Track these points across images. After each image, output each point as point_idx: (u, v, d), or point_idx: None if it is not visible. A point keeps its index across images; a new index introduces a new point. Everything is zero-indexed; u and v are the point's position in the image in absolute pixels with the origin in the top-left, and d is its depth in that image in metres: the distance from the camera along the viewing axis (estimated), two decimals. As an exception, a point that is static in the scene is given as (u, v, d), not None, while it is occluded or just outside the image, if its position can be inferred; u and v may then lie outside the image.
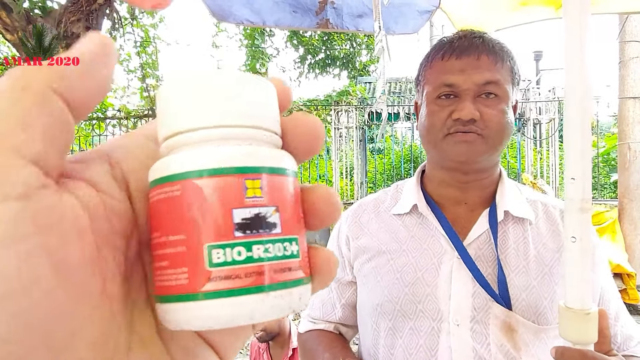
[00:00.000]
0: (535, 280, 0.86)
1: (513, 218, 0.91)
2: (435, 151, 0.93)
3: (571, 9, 0.73)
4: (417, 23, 2.08)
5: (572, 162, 0.73)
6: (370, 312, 0.94)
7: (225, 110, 0.22)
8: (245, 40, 8.33)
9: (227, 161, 0.21)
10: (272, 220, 0.21)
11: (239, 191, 0.21)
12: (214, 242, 0.20)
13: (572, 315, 0.75)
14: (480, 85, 0.87)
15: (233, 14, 1.83)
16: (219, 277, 0.20)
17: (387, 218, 0.99)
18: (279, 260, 0.21)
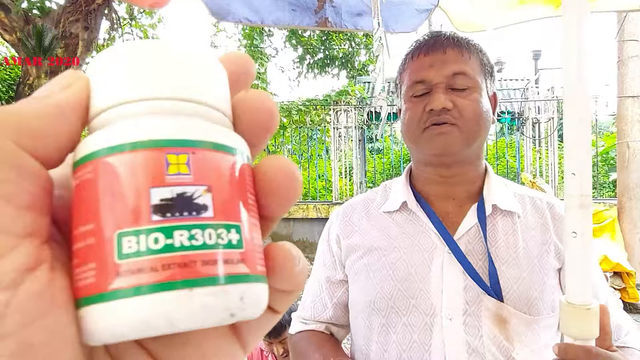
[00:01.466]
0: (525, 272, 0.88)
1: (501, 211, 0.93)
2: (416, 147, 0.95)
3: (570, 7, 0.74)
4: (416, 21, 2.08)
5: (571, 157, 0.74)
6: (363, 309, 0.95)
7: (154, 82, 0.19)
8: (244, 40, 8.33)
9: (144, 134, 0.18)
10: (201, 201, 0.18)
11: (159, 167, 0.17)
12: (125, 228, 0.17)
13: (573, 310, 0.75)
14: (449, 76, 0.90)
15: (232, 12, 1.83)
16: (130, 271, 0.16)
17: (377, 216, 1.00)
18: (211, 250, 0.17)
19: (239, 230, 0.18)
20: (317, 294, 1.05)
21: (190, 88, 0.19)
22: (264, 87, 8.41)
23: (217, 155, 0.19)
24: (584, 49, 0.73)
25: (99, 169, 0.17)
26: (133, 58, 0.19)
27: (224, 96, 0.21)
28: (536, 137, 7.27)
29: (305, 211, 6.89)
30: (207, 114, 0.20)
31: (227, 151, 0.19)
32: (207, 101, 0.20)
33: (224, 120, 0.21)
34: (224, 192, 0.18)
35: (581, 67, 0.73)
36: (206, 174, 0.18)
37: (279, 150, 8.33)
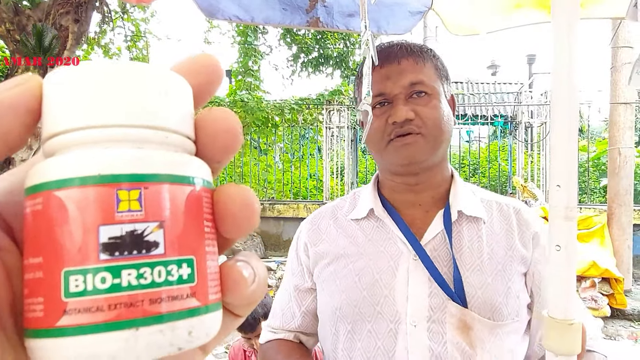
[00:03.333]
0: (490, 277, 0.88)
1: (467, 217, 0.94)
2: (382, 159, 0.95)
3: (560, 15, 0.72)
4: (408, 23, 2.06)
5: (557, 169, 0.72)
6: (330, 316, 0.95)
7: (111, 107, 0.18)
8: (238, 37, 8.29)
9: (96, 169, 0.17)
10: (152, 238, 0.17)
11: (108, 204, 0.17)
12: (73, 266, 0.17)
13: (556, 325, 0.74)
14: (406, 87, 0.91)
15: (221, 10, 1.81)
16: (77, 310, 0.16)
17: (345, 223, 1.01)
18: (159, 288, 0.17)
19: (191, 263, 0.18)
20: (286, 302, 1.05)
21: (146, 113, 0.19)
22: (257, 84, 8.37)
23: (171, 188, 0.18)
24: (575, 60, 0.71)
25: (48, 202, 0.17)
26: (87, 81, 0.18)
27: (185, 117, 0.20)
28: (528, 141, 7.30)
29: (296, 210, 6.88)
30: (165, 139, 0.19)
31: (183, 182, 0.19)
32: (165, 126, 0.19)
33: (184, 143, 0.20)
34: (177, 226, 0.18)
35: (571, 78, 0.71)
36: (159, 209, 0.18)
37: (271, 149, 8.31)
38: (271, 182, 7.98)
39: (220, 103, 7.59)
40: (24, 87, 0.19)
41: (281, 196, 7.83)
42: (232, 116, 0.21)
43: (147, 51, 6.79)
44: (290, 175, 8.08)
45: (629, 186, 5.02)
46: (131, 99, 0.18)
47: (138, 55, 6.69)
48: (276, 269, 5.84)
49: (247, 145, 8.00)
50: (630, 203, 5.05)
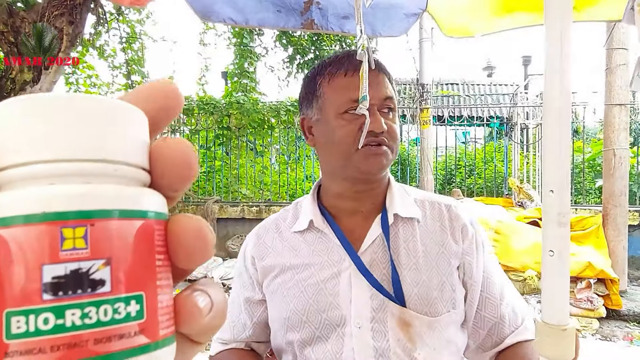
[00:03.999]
0: (425, 275, 0.93)
1: (402, 219, 0.98)
2: (346, 164, 0.96)
3: (552, 20, 0.71)
4: (403, 26, 2.07)
5: (550, 175, 0.72)
6: (280, 326, 0.99)
7: (55, 141, 0.18)
8: (234, 38, 8.27)
9: (39, 206, 0.17)
10: (98, 276, 0.17)
11: (52, 243, 0.17)
12: (15, 307, 0.16)
13: (549, 330, 0.74)
14: (382, 99, 0.94)
15: (216, 12, 1.80)
16: (18, 352, 0.16)
17: (289, 236, 1.04)
18: (105, 327, 0.17)
19: (140, 300, 0.18)
20: (237, 315, 1.07)
21: (92, 146, 0.18)
22: (253, 86, 8.35)
23: (120, 223, 0.18)
24: (568, 64, 0.71)
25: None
26: (31, 115, 0.18)
27: (136, 148, 0.20)
28: (524, 143, 7.32)
29: (293, 212, 6.86)
30: (114, 172, 0.19)
31: (132, 216, 0.18)
32: (113, 158, 0.19)
33: (136, 174, 0.20)
34: (125, 263, 0.18)
35: (564, 83, 0.71)
36: (106, 246, 0.17)
37: (267, 151, 8.29)
38: (267, 183, 7.97)
39: (216, 105, 7.58)
40: None
41: (277, 198, 7.82)
42: (187, 146, 0.21)
43: (143, 53, 6.77)
44: (287, 177, 8.07)
45: (624, 187, 5.04)
46: (76, 132, 0.18)
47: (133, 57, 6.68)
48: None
49: (243, 147, 7.99)
50: (625, 204, 5.06)
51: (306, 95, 1.03)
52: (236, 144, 7.84)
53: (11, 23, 3.80)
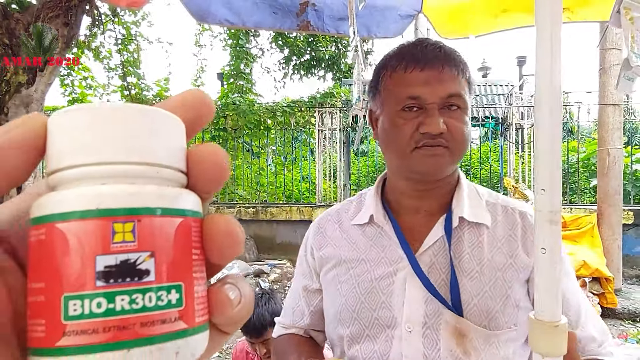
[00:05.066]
0: (488, 285, 0.88)
1: (469, 223, 0.92)
2: (402, 163, 0.92)
3: (543, 21, 0.73)
4: (398, 27, 2.08)
5: (542, 173, 0.73)
6: (332, 319, 0.97)
7: (106, 146, 0.20)
8: (230, 40, 8.28)
9: (94, 203, 0.19)
10: (144, 267, 0.19)
11: (105, 236, 0.19)
12: (72, 292, 0.18)
13: (542, 327, 0.75)
14: (444, 98, 0.87)
15: (212, 14, 1.81)
16: (75, 332, 0.18)
17: (349, 228, 1.01)
18: (149, 312, 0.19)
19: (179, 289, 0.20)
20: (296, 302, 1.08)
21: (139, 151, 0.20)
22: (249, 87, 8.35)
23: (162, 221, 0.20)
24: (558, 64, 0.72)
25: (51, 233, 0.19)
26: (86, 122, 0.20)
27: (176, 152, 0.22)
28: (519, 143, 7.35)
29: (289, 213, 6.87)
30: (156, 174, 0.21)
31: (173, 214, 0.20)
32: (156, 161, 0.21)
33: (175, 176, 0.22)
34: (167, 255, 0.20)
35: (554, 82, 0.72)
36: (150, 240, 0.20)
37: (263, 152, 8.30)
38: (264, 184, 7.97)
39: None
40: (28, 127, 0.21)
41: (274, 199, 7.82)
42: (221, 151, 0.23)
43: (138, 54, 6.76)
44: (283, 178, 8.07)
45: (618, 186, 5.07)
46: (125, 138, 0.20)
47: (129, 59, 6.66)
48: (269, 272, 5.82)
49: (240, 148, 7.99)
50: (620, 203, 5.10)
51: (371, 87, 0.99)
52: (232, 145, 7.84)
53: (5, 25, 3.79)
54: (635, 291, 5.09)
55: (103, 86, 7.32)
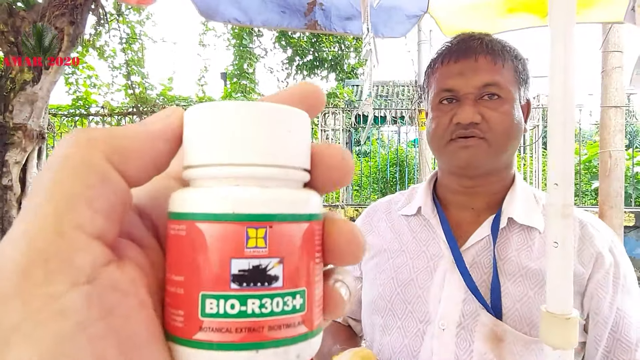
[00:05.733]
0: (532, 291, 0.84)
1: (519, 226, 0.89)
2: (440, 157, 0.93)
3: (557, 18, 0.74)
4: (404, 27, 2.09)
5: (555, 168, 0.74)
6: (367, 307, 0.97)
7: (241, 147, 0.21)
8: (233, 39, 8.29)
9: (230, 207, 0.20)
10: (274, 273, 0.20)
11: (239, 240, 0.20)
12: (209, 291, 0.20)
13: (553, 319, 0.76)
14: (479, 87, 0.86)
15: (220, 12, 1.82)
16: (210, 328, 0.19)
17: (395, 218, 1.01)
18: (276, 317, 0.20)
19: (303, 295, 0.21)
20: None
21: (271, 152, 0.21)
22: (252, 87, 8.37)
23: (291, 227, 0.21)
24: (571, 59, 0.74)
25: (191, 231, 0.20)
26: (220, 119, 0.21)
27: (304, 152, 0.23)
28: (521, 144, 7.35)
29: (291, 213, 6.86)
30: (286, 176, 0.21)
31: (301, 220, 0.21)
32: (287, 163, 0.21)
33: (302, 176, 0.22)
34: (294, 261, 0.21)
35: (567, 79, 0.73)
36: (280, 247, 0.20)
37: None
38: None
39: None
40: (173, 118, 0.22)
41: (276, 198, 7.82)
42: (347, 155, 0.24)
43: (142, 53, 6.77)
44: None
45: (620, 188, 5.07)
46: (258, 139, 0.21)
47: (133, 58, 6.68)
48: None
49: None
50: (621, 205, 5.10)
51: (422, 89, 1.00)
52: None
53: (11, 23, 3.80)
54: (636, 293, 5.09)
55: (107, 85, 7.34)
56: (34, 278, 0.17)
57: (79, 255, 0.18)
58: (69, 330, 0.17)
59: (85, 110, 7.12)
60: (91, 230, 0.18)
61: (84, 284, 0.17)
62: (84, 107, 7.12)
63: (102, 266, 0.18)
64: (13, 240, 0.17)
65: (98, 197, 0.19)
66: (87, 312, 0.17)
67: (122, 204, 0.20)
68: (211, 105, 0.21)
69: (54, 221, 0.17)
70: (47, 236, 0.17)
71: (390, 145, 7.96)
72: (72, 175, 0.18)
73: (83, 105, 7.12)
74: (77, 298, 0.17)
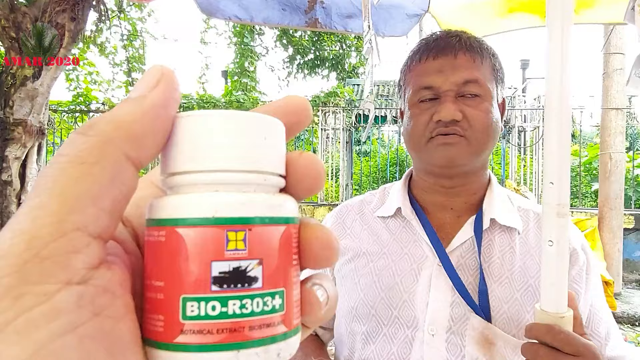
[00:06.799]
0: (519, 292, 0.84)
1: (500, 226, 0.89)
2: (419, 156, 0.90)
3: (554, 18, 0.74)
4: (405, 26, 2.09)
5: (551, 167, 0.74)
6: (346, 314, 0.92)
7: (219, 154, 0.21)
8: (235, 37, 8.29)
9: (210, 211, 0.20)
10: (253, 274, 0.21)
11: (219, 243, 0.20)
12: (190, 294, 0.20)
13: (547, 318, 0.76)
14: (459, 84, 0.84)
15: (221, 9, 1.82)
16: (191, 331, 0.20)
17: (371, 220, 0.97)
18: (257, 317, 0.21)
19: (282, 295, 0.22)
20: None
21: (249, 159, 0.22)
22: (253, 85, 8.37)
23: (270, 229, 0.21)
24: (568, 60, 0.74)
25: (171, 237, 0.20)
26: (204, 126, 0.21)
27: (280, 158, 0.23)
28: (521, 145, 7.35)
29: (291, 211, 6.86)
30: (264, 181, 0.22)
31: (279, 222, 0.22)
32: (265, 169, 0.22)
33: (278, 182, 0.23)
34: (272, 263, 0.21)
35: (564, 79, 0.73)
36: (259, 248, 0.21)
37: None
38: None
39: (216, 103, 7.59)
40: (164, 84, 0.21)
41: (275, 197, 7.82)
42: (319, 164, 0.24)
43: (144, 50, 6.78)
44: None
45: (620, 190, 5.08)
46: (235, 146, 0.21)
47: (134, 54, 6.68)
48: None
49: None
50: (621, 207, 5.10)
51: (399, 84, 0.97)
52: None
53: (13, 18, 3.80)
54: (634, 295, 5.10)
55: (108, 81, 7.35)
56: (28, 277, 0.17)
57: (76, 256, 0.18)
58: (59, 329, 0.17)
59: (86, 107, 7.13)
60: (93, 230, 0.18)
61: (76, 284, 0.17)
62: (85, 104, 7.12)
63: (96, 267, 0.18)
64: (13, 236, 0.17)
65: (106, 195, 0.19)
66: (78, 312, 0.17)
67: (127, 198, 0.20)
68: (188, 114, 0.22)
69: (57, 220, 0.17)
70: (47, 236, 0.17)
71: (391, 144, 7.96)
72: (82, 171, 0.18)
73: (83, 101, 7.12)
74: (69, 298, 0.17)
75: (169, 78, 0.21)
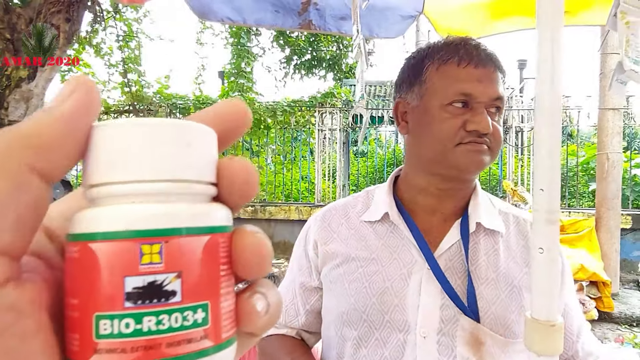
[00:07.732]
0: (504, 293, 0.86)
1: (485, 230, 0.91)
2: (439, 158, 0.89)
3: (544, 21, 0.73)
4: (400, 27, 2.08)
5: (541, 173, 0.73)
6: (335, 319, 0.92)
7: (135, 164, 0.20)
8: (231, 38, 8.28)
9: (122, 224, 0.19)
10: (171, 288, 0.19)
11: (133, 257, 0.19)
12: (102, 312, 0.19)
13: (538, 326, 0.75)
14: (492, 99, 0.87)
15: (213, 11, 1.82)
16: (105, 350, 0.19)
17: (357, 224, 0.97)
18: (175, 332, 0.19)
19: (205, 308, 0.20)
20: (291, 299, 1.02)
21: (168, 168, 0.21)
22: (249, 86, 8.36)
23: (190, 240, 0.20)
24: (558, 66, 0.73)
25: (84, 253, 0.19)
26: (121, 136, 0.20)
27: (207, 165, 0.22)
28: (519, 146, 7.36)
29: (287, 212, 6.87)
30: (187, 190, 0.21)
31: (200, 233, 0.20)
32: (187, 177, 0.21)
33: (205, 190, 0.22)
34: (194, 275, 0.20)
35: (554, 84, 0.72)
36: (177, 261, 0.20)
37: (263, 151, 8.29)
38: (263, 183, 7.97)
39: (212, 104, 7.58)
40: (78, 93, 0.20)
41: (272, 198, 7.82)
42: (251, 168, 0.23)
43: (139, 51, 6.76)
44: (282, 177, 8.07)
45: (617, 191, 5.08)
46: (151, 155, 0.20)
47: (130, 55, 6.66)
48: (267, 270, 5.81)
49: (239, 147, 7.99)
50: (618, 207, 5.10)
51: (408, 77, 0.95)
52: (232, 143, 7.83)
53: (7, 20, 3.79)
54: (632, 296, 5.10)
55: (104, 82, 7.32)
56: None
57: None
58: None
59: (82, 108, 7.08)
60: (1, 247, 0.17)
61: None
62: (81, 105, 7.08)
63: (1, 285, 0.17)
64: None
65: (7, 211, 0.17)
66: None
67: (37, 211, 0.19)
68: (104, 124, 0.21)
69: None
70: None
71: (388, 145, 7.96)
72: None
73: (80, 102, 7.08)
74: None
75: (84, 88, 0.20)
